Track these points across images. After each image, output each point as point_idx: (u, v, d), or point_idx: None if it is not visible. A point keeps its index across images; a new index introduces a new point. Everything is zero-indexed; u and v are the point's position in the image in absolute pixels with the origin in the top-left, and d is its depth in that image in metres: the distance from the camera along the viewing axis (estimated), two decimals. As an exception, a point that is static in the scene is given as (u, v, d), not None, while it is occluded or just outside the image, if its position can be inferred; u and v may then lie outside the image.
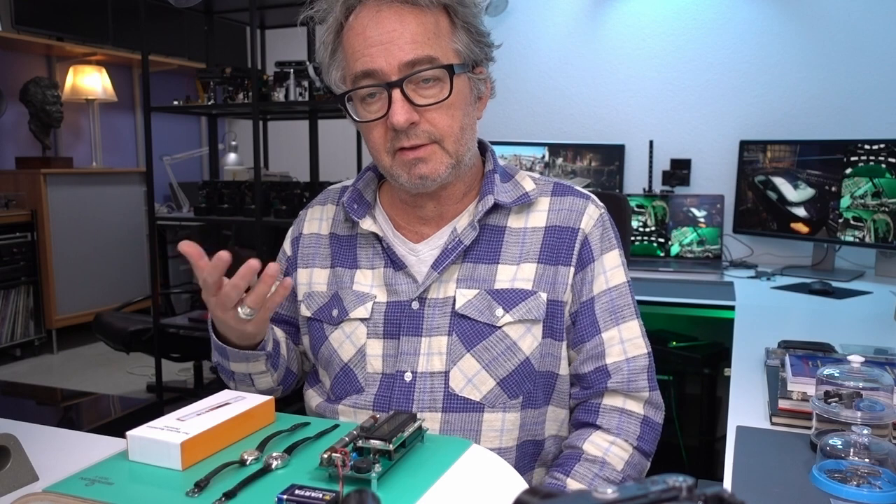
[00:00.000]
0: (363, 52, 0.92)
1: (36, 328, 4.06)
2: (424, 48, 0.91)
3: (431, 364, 0.98)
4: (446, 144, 0.95)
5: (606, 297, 1.01)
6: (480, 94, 1.01)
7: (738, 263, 2.72)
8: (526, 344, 0.98)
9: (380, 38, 0.91)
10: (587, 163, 2.96)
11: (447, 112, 0.94)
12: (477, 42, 0.97)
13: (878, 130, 2.64)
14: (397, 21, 0.91)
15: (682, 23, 2.98)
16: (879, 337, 1.67)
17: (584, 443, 0.97)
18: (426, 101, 0.92)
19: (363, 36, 0.92)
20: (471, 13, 0.95)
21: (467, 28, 0.96)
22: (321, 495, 0.65)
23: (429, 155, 0.94)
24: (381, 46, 0.91)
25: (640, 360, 1.01)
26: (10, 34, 3.98)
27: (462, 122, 0.96)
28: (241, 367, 1.02)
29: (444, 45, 0.93)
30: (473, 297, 0.98)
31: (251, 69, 2.92)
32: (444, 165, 0.95)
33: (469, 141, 0.98)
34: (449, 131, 0.94)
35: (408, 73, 0.91)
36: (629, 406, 1.00)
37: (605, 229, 1.03)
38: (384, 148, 0.96)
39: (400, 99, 0.91)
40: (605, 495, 0.35)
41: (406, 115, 0.91)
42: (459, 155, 0.96)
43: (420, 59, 0.91)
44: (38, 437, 0.91)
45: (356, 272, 1.04)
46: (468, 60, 0.96)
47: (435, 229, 1.03)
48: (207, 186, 3.03)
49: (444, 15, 0.94)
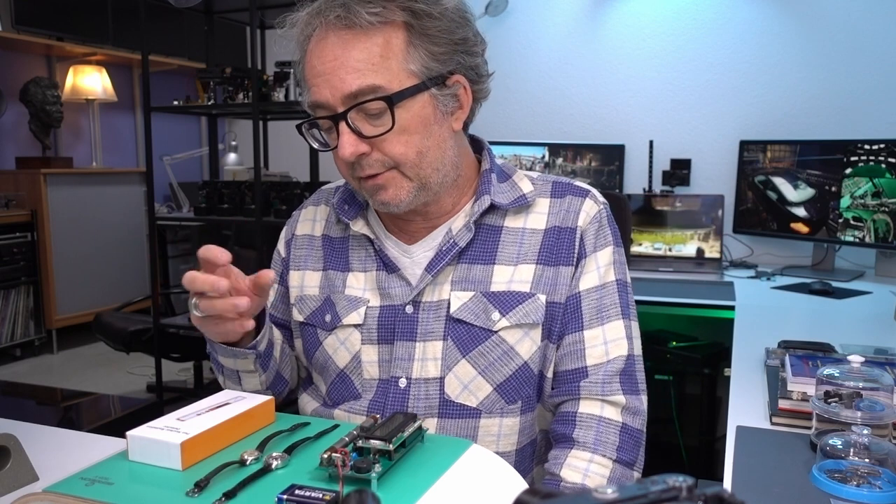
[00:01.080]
0: (311, 81, 0.90)
1: (36, 328, 4.06)
2: (367, 76, 0.86)
3: (426, 370, 0.96)
4: (405, 170, 0.91)
5: (595, 294, 0.98)
6: (457, 104, 0.94)
7: (738, 263, 2.72)
8: (524, 348, 0.96)
9: (322, 67, 0.88)
10: (587, 163, 2.96)
11: (399, 139, 0.89)
12: (445, 53, 0.90)
13: (878, 130, 2.64)
14: (340, 48, 0.87)
15: (682, 23, 2.98)
16: (879, 337, 1.67)
17: (562, 468, 0.92)
18: (374, 132, 0.88)
19: (310, 65, 0.90)
20: (433, 24, 0.89)
21: (430, 41, 0.89)
22: (321, 495, 0.65)
23: (387, 181, 0.92)
24: (323, 77, 0.88)
25: (617, 363, 0.96)
26: (10, 34, 3.97)
27: (420, 146, 0.90)
28: (228, 362, 0.99)
29: (393, 67, 0.87)
30: (469, 300, 0.96)
31: (251, 69, 2.92)
32: (405, 191, 0.92)
33: (435, 162, 0.93)
34: (404, 158, 0.90)
35: (350, 105, 0.87)
36: (607, 413, 0.94)
37: (601, 226, 1.00)
38: (349, 174, 0.95)
39: (346, 132, 0.88)
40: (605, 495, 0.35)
41: (352, 149, 0.88)
42: (423, 178, 0.92)
43: (363, 89, 0.86)
44: (38, 437, 0.91)
45: (348, 275, 1.02)
46: (428, 77, 0.89)
47: (428, 231, 1.01)
48: (207, 186, 3.03)
49: (398, 31, 0.88)
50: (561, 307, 0.97)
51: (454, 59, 0.92)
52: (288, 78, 2.78)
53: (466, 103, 0.96)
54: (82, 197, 4.24)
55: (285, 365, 1.08)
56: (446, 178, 0.96)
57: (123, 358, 3.70)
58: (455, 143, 0.96)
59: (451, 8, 0.91)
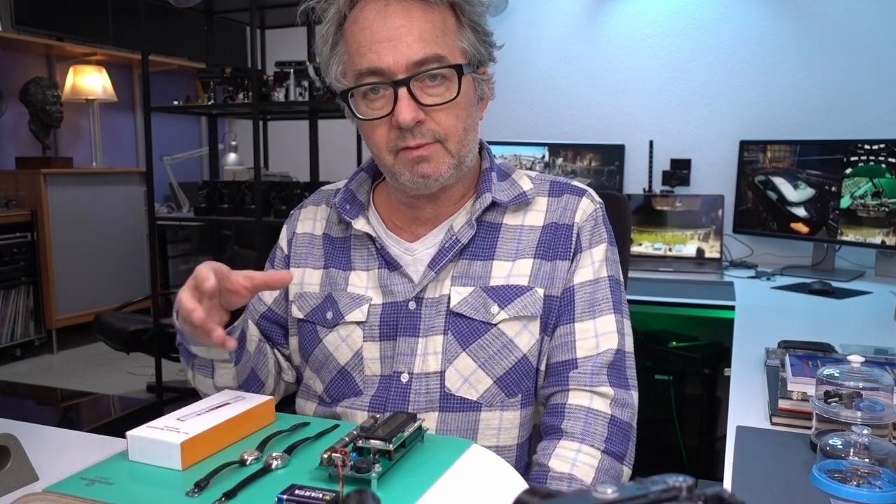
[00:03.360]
0: (369, 48, 0.90)
1: (36, 328, 4.06)
2: (433, 46, 0.89)
3: (427, 364, 0.97)
4: (449, 145, 0.93)
5: (588, 287, 0.99)
6: (483, 94, 0.99)
7: (738, 263, 2.72)
8: (523, 341, 0.97)
9: (387, 33, 0.89)
10: (587, 163, 2.96)
11: (453, 112, 0.92)
12: (482, 41, 0.95)
13: (878, 130, 2.64)
14: (405, 17, 0.89)
15: (682, 22, 2.98)
16: (879, 337, 1.67)
17: (550, 459, 0.92)
18: (433, 101, 0.91)
19: (369, 31, 0.90)
20: (476, 12, 0.94)
21: (473, 27, 0.94)
22: (321, 495, 0.65)
23: (432, 154, 0.93)
24: (388, 43, 0.89)
25: (606, 356, 0.96)
26: (10, 34, 3.97)
27: (466, 123, 0.94)
28: (202, 350, 0.96)
29: (451, 43, 0.92)
30: (469, 295, 0.97)
31: (251, 69, 2.92)
32: (447, 165, 0.94)
33: (471, 142, 0.97)
34: (453, 131, 0.93)
35: (415, 72, 0.89)
36: (595, 404, 0.94)
37: (597, 223, 1.02)
38: (387, 147, 0.94)
39: (406, 97, 0.89)
40: (605, 495, 0.35)
41: (413, 114, 0.89)
42: (462, 156, 0.95)
43: (429, 57, 0.89)
44: (38, 437, 0.91)
45: (350, 274, 1.03)
46: (473, 60, 0.95)
47: (430, 228, 1.02)
48: (207, 186, 3.04)
49: (450, 12, 0.92)
50: (557, 300, 0.99)
51: (487, 49, 0.97)
52: (288, 78, 2.78)
53: (488, 96, 1.01)
54: (82, 197, 4.25)
55: (261, 364, 1.05)
56: (472, 162, 1.00)
57: (123, 358, 3.70)
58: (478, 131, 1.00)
59: (487, 2, 0.96)
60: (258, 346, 1.04)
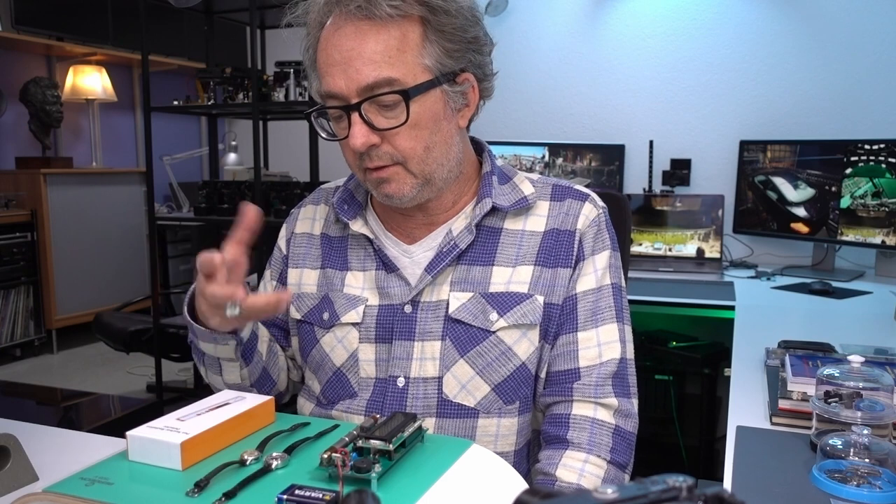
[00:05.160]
0: (326, 70, 0.90)
1: (36, 328, 4.06)
2: (383, 69, 0.87)
3: (424, 369, 0.96)
4: (410, 166, 0.92)
5: (591, 296, 0.98)
6: (465, 101, 0.96)
7: (738, 263, 2.72)
8: (522, 349, 0.96)
9: (339, 57, 0.88)
10: (587, 163, 2.96)
11: (409, 134, 0.90)
12: (458, 50, 0.91)
13: (878, 130, 2.64)
14: (357, 39, 0.87)
15: (682, 23, 2.98)
16: (879, 337, 1.67)
17: (557, 468, 0.91)
18: (386, 125, 0.89)
19: (325, 53, 0.90)
20: (449, 21, 0.89)
21: (445, 38, 0.90)
22: (321, 495, 0.65)
23: (391, 175, 0.92)
24: (339, 66, 0.88)
25: (610, 366, 0.96)
26: (10, 34, 3.97)
27: (428, 142, 0.91)
28: (209, 348, 0.97)
29: (409, 61, 0.88)
30: (467, 301, 0.96)
31: (251, 69, 2.92)
32: (409, 186, 0.93)
33: (440, 157, 0.94)
34: (412, 153, 0.91)
35: (365, 97, 0.88)
36: (600, 415, 0.95)
37: (599, 229, 1.01)
38: (355, 165, 0.95)
39: (358, 122, 0.88)
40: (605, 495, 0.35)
41: (363, 139, 0.88)
42: (427, 174, 0.93)
43: (379, 81, 0.87)
44: (38, 437, 0.91)
45: (347, 274, 1.03)
46: (441, 73, 0.90)
47: (428, 231, 1.01)
48: (207, 186, 3.03)
49: (414, 26, 0.88)
50: (558, 308, 0.98)
51: (465, 56, 0.93)
52: (288, 78, 2.78)
53: (474, 101, 0.97)
54: (82, 197, 4.25)
55: (273, 364, 1.06)
56: (450, 174, 0.97)
57: (123, 358, 3.70)
58: (460, 139, 0.98)
59: (465, 6, 0.92)
60: (269, 347, 1.05)
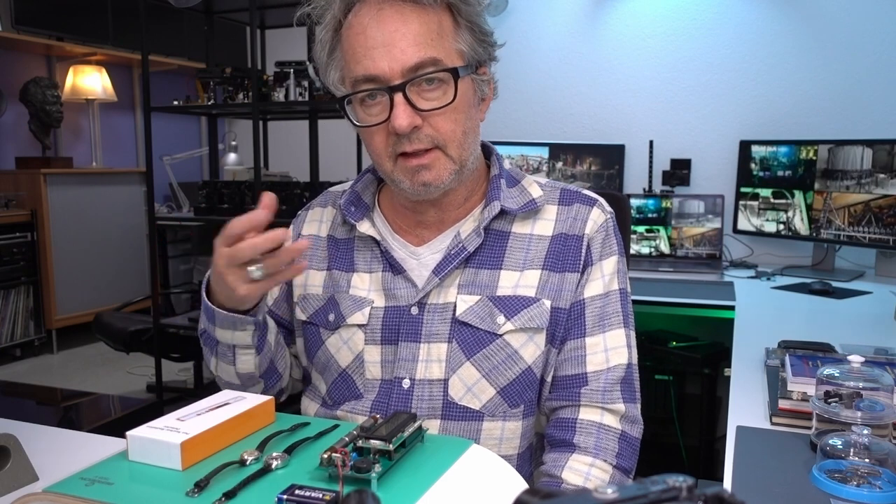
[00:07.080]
0: (364, 53, 0.89)
1: (36, 328, 4.06)
2: (428, 50, 0.88)
3: (430, 371, 0.96)
4: (449, 150, 0.92)
5: (599, 301, 0.98)
6: (484, 95, 0.97)
7: (738, 263, 2.72)
8: (528, 353, 0.96)
9: (382, 38, 0.87)
10: (587, 167, 2.96)
11: (450, 116, 0.91)
12: (480, 42, 0.94)
13: (879, 130, 2.64)
14: (400, 21, 0.88)
15: (682, 23, 2.98)
16: (879, 337, 1.67)
17: (563, 470, 0.92)
18: (429, 106, 0.89)
19: (364, 36, 0.89)
20: (474, 11, 0.92)
21: (471, 27, 0.92)
22: (321, 495, 0.65)
23: (431, 161, 0.92)
24: (383, 48, 0.87)
25: (617, 371, 0.97)
26: (10, 34, 3.98)
27: (465, 126, 0.93)
28: (226, 335, 0.95)
29: (447, 45, 0.90)
30: (475, 304, 0.96)
31: (251, 69, 2.92)
32: (448, 172, 0.93)
33: (472, 145, 0.95)
34: (452, 136, 0.91)
35: (411, 77, 0.88)
36: (606, 420, 0.95)
37: (607, 235, 1.01)
38: (385, 153, 0.93)
39: (402, 103, 0.88)
40: (605, 495, 0.35)
41: (409, 120, 0.88)
42: (463, 160, 0.94)
43: (424, 61, 0.88)
44: (38, 437, 0.91)
45: (353, 276, 1.02)
46: (472, 61, 0.93)
47: (437, 233, 1.01)
48: (207, 186, 3.03)
49: (447, 14, 0.91)
50: (565, 313, 0.98)
51: (486, 49, 0.95)
52: (288, 78, 2.78)
53: (489, 96, 0.99)
54: (82, 197, 4.25)
55: (279, 356, 1.06)
56: (474, 165, 0.98)
57: (123, 358, 3.70)
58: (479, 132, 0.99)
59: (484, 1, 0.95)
60: (277, 339, 1.05)
